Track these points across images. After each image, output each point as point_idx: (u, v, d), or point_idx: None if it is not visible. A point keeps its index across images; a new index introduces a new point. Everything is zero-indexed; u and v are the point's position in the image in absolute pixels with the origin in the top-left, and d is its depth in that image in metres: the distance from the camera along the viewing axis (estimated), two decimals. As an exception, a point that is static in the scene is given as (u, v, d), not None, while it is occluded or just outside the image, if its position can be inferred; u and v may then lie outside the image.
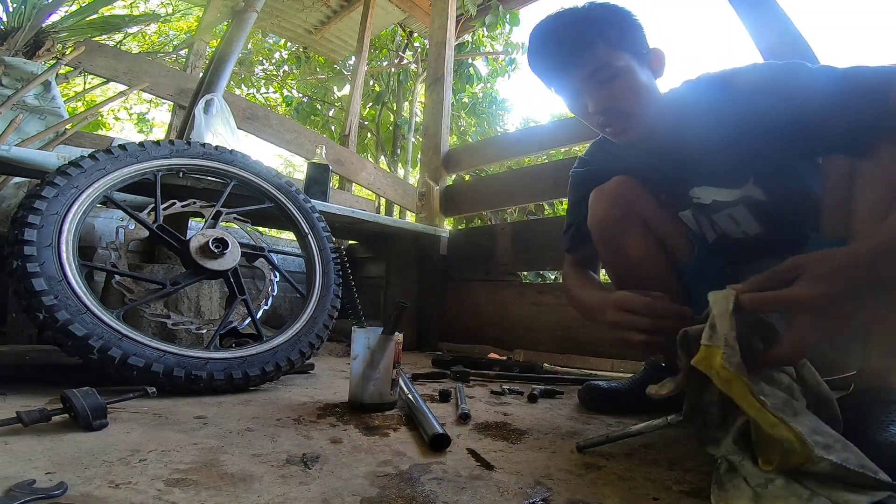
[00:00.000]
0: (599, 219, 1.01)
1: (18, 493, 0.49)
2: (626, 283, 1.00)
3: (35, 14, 2.40)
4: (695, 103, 0.90)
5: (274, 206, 1.50)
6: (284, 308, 2.74)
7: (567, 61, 0.88)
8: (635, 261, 0.99)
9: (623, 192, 0.98)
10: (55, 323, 0.98)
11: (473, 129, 6.89)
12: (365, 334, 0.99)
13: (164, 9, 6.80)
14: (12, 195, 1.97)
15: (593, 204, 1.01)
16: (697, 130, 0.90)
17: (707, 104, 0.88)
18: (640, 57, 0.88)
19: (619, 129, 0.90)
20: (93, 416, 0.75)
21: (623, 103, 0.87)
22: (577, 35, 0.86)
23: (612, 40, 0.85)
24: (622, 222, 0.98)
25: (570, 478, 0.65)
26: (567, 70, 0.88)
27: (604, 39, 0.85)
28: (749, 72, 0.86)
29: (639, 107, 0.88)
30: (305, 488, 0.58)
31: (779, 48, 1.62)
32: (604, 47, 0.85)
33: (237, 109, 2.47)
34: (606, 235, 1.01)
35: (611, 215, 0.99)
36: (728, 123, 0.85)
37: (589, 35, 0.85)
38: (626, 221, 0.98)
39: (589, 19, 0.87)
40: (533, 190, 2.41)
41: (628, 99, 0.87)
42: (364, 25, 4.11)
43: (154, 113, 8.11)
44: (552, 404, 1.17)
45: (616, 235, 0.99)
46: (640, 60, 0.88)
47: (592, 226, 1.02)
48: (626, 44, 0.87)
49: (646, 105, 0.88)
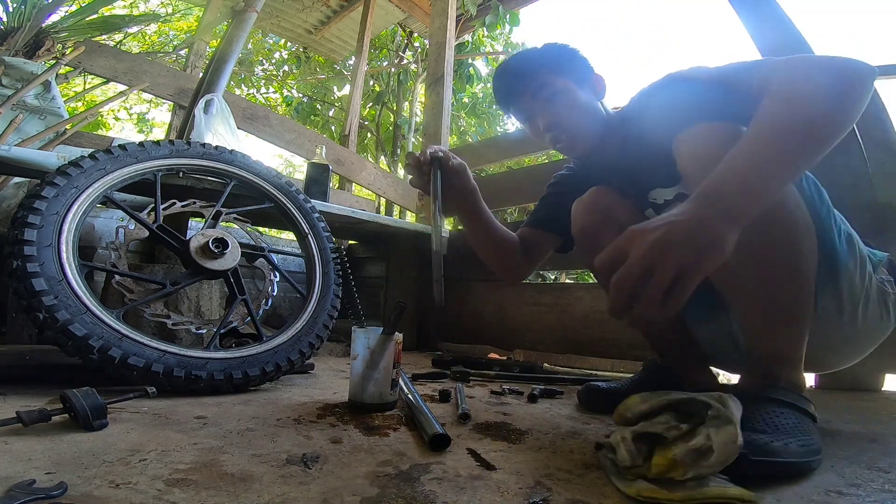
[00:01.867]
0: (580, 226, 1.08)
1: (18, 493, 0.49)
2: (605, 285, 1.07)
3: (35, 14, 2.40)
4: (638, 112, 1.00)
5: (274, 206, 1.50)
6: (284, 308, 2.74)
7: (514, 87, 1.04)
8: None
9: (599, 199, 1.05)
10: (55, 323, 0.98)
11: (473, 129, 6.89)
12: (365, 334, 0.99)
13: (164, 9, 6.80)
14: (12, 195, 1.98)
15: (574, 214, 1.09)
16: (641, 137, 0.97)
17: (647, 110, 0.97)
18: (580, 81, 1.02)
19: (566, 145, 1.03)
20: (93, 416, 0.75)
21: (565, 119, 1.00)
22: (523, 66, 1.04)
23: (552, 68, 1.02)
24: (600, 227, 1.04)
25: (570, 478, 0.65)
26: (515, 94, 1.04)
27: (545, 67, 1.02)
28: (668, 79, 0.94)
29: (580, 122, 1.01)
30: (305, 488, 0.58)
31: (779, 48, 1.63)
32: (545, 73, 1.01)
33: (237, 109, 2.47)
34: (587, 241, 1.08)
35: (589, 222, 1.06)
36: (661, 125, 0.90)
37: (532, 64, 1.03)
38: (604, 226, 1.04)
39: (529, 56, 1.05)
40: (533, 190, 2.41)
41: (569, 116, 1.00)
42: (364, 25, 4.11)
43: (154, 113, 8.12)
44: (552, 404, 1.17)
45: (595, 240, 1.04)
46: (581, 84, 1.02)
47: (575, 234, 1.10)
48: (565, 71, 1.02)
49: (587, 121, 1.01)
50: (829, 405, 1.18)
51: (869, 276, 0.84)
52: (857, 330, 0.86)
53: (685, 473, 0.56)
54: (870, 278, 0.84)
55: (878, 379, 1.44)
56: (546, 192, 1.24)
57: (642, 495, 0.57)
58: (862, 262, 0.83)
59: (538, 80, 1.01)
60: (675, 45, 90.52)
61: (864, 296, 0.83)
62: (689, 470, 0.56)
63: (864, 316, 0.84)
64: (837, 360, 0.95)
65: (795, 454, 0.66)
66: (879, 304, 0.86)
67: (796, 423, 0.72)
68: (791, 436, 0.69)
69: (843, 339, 0.88)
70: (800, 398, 0.76)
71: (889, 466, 0.71)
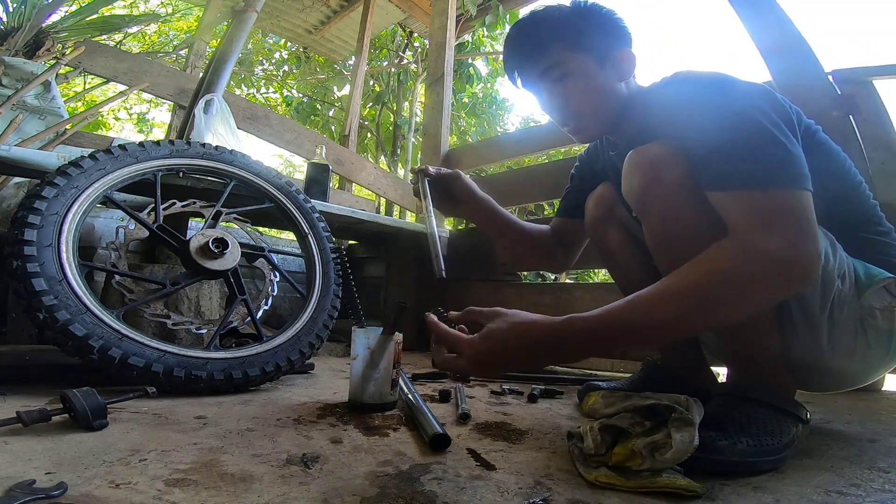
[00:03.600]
0: (588, 218, 1.12)
1: (18, 493, 0.49)
2: (613, 274, 1.16)
3: (35, 14, 2.40)
4: (657, 101, 0.89)
5: (274, 206, 1.50)
6: (284, 308, 2.74)
7: (522, 62, 0.92)
8: (614, 253, 1.10)
9: (605, 194, 1.08)
10: (55, 323, 0.98)
11: (473, 129, 6.89)
12: (365, 334, 0.99)
13: (164, 9, 6.80)
14: (12, 195, 1.97)
15: (586, 206, 1.13)
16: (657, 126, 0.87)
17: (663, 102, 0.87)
18: (602, 59, 0.88)
19: (574, 129, 0.94)
20: (93, 416, 0.75)
21: (574, 103, 0.89)
22: (530, 37, 0.89)
23: (567, 41, 0.87)
24: (604, 220, 1.09)
25: (570, 478, 0.65)
26: (522, 70, 0.92)
27: (558, 41, 0.87)
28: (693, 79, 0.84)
29: (593, 109, 0.89)
30: (305, 488, 0.58)
31: (779, 48, 1.63)
32: (559, 48, 0.87)
33: (237, 109, 2.47)
34: (594, 234, 1.13)
35: (595, 215, 1.10)
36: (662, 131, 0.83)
37: (541, 37, 0.88)
38: (607, 219, 1.09)
39: (545, 21, 0.89)
40: (533, 190, 2.41)
41: (580, 99, 0.89)
42: (364, 25, 4.11)
43: (154, 113, 8.13)
44: (552, 404, 1.17)
45: (600, 232, 1.11)
46: (602, 62, 0.88)
47: (586, 226, 1.14)
48: (585, 44, 0.87)
49: (602, 106, 0.89)
50: (829, 405, 1.18)
51: (837, 295, 0.76)
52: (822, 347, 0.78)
53: (641, 464, 0.61)
54: (839, 297, 0.76)
55: (878, 379, 1.44)
56: (570, 178, 1.24)
57: (600, 481, 0.62)
58: (826, 282, 0.75)
59: (550, 58, 0.87)
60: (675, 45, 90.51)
61: (826, 314, 0.76)
62: (646, 461, 0.61)
63: (829, 335, 0.77)
64: (821, 380, 0.87)
65: (740, 453, 0.67)
66: (854, 324, 0.78)
67: (765, 422, 0.72)
68: (749, 435, 0.69)
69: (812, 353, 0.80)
70: (779, 397, 0.75)
71: (889, 466, 0.71)
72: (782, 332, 0.77)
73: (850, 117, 1.51)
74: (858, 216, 0.87)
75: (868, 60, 1.62)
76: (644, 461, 0.61)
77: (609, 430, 0.68)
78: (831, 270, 0.75)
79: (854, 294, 0.78)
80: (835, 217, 0.83)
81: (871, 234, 0.86)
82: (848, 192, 0.87)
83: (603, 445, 0.66)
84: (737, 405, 0.75)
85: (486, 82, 6.36)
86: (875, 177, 1.44)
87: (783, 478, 0.66)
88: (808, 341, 0.78)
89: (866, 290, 0.78)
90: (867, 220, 0.87)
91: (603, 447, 0.66)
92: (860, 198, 0.87)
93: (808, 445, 0.79)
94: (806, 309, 0.76)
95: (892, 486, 0.64)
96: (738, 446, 0.68)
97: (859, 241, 0.85)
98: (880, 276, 0.79)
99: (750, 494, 0.61)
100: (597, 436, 0.67)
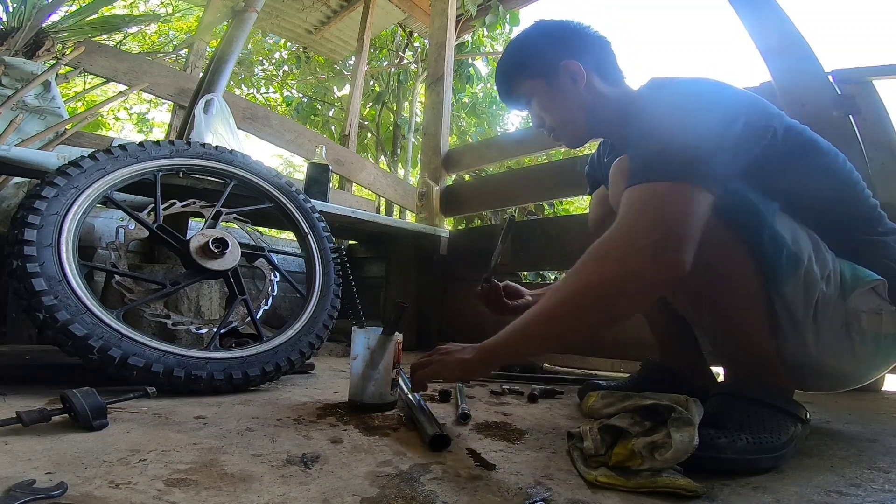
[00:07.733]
0: (591, 217, 1.20)
1: (18, 493, 0.49)
2: None
3: (35, 14, 2.40)
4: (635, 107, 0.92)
5: (274, 206, 1.50)
6: (284, 308, 2.74)
7: (500, 90, 1.06)
8: None
9: (605, 196, 1.09)
10: (55, 323, 0.98)
11: (473, 129, 6.88)
12: (365, 334, 0.99)
13: (164, 9, 6.79)
14: (12, 195, 1.98)
15: (590, 206, 1.20)
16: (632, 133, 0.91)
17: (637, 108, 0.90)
18: (551, 77, 0.96)
19: (556, 138, 1.03)
20: (93, 416, 0.75)
21: (547, 120, 1.00)
22: (501, 68, 1.03)
23: (520, 70, 0.99)
24: (605, 220, 1.09)
25: (570, 478, 0.65)
26: (503, 96, 1.07)
27: (515, 70, 1.00)
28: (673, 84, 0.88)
29: (560, 120, 0.99)
30: (305, 488, 0.58)
31: (779, 48, 1.63)
32: (516, 77, 1.00)
33: (237, 109, 2.46)
34: (599, 232, 1.14)
35: (596, 214, 1.16)
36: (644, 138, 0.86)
37: (504, 67, 1.02)
38: (607, 219, 1.07)
39: (506, 54, 1.03)
40: (533, 190, 2.41)
41: (549, 116, 0.99)
42: (364, 25, 4.11)
43: (154, 113, 8.12)
44: (552, 404, 1.17)
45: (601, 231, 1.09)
46: (551, 80, 0.96)
47: (590, 224, 1.20)
48: (532, 71, 0.97)
49: (567, 116, 0.98)
50: (829, 405, 1.18)
51: (821, 297, 0.76)
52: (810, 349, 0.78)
53: (641, 464, 0.62)
54: (822, 299, 0.77)
55: (878, 379, 1.44)
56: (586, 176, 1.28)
57: (599, 481, 0.63)
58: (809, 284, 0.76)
59: (512, 85, 1.01)
60: (675, 45, 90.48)
61: (811, 316, 0.77)
62: (646, 461, 0.62)
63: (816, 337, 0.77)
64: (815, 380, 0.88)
65: (739, 451, 0.67)
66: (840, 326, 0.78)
67: (763, 420, 0.72)
68: (748, 433, 0.69)
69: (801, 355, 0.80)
70: (777, 397, 0.75)
71: (889, 466, 0.71)
72: (773, 333, 0.78)
73: (850, 117, 1.51)
74: (857, 217, 0.87)
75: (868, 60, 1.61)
76: (644, 461, 0.62)
77: (609, 430, 0.68)
78: (815, 272, 0.76)
79: (839, 296, 0.78)
80: (831, 217, 0.83)
81: (872, 235, 0.86)
82: (844, 190, 0.87)
83: (603, 445, 0.67)
84: (735, 404, 0.75)
85: (486, 82, 6.34)
86: (875, 177, 1.43)
87: (783, 477, 0.66)
88: (796, 343, 0.78)
89: (852, 292, 0.78)
90: (867, 220, 0.87)
91: (603, 447, 0.67)
92: (858, 197, 0.87)
93: (808, 445, 0.79)
94: (790, 311, 0.76)
95: (892, 486, 0.63)
96: (737, 444, 0.68)
97: (859, 242, 0.84)
98: (867, 278, 0.79)
99: (750, 494, 0.61)
100: (596, 436, 0.68)
